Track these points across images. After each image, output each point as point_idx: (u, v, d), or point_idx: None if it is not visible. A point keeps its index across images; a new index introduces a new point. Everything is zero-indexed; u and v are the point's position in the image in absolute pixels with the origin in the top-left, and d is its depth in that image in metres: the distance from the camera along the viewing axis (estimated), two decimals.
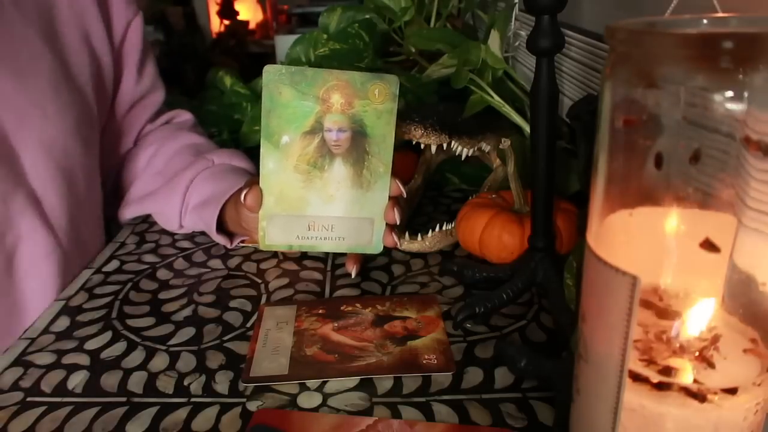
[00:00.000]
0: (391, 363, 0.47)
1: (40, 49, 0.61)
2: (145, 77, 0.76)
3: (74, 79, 0.66)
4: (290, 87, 0.52)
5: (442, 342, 0.49)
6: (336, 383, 0.45)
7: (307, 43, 0.90)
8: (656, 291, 0.29)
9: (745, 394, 0.26)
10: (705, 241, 0.27)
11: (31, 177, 0.60)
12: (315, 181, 0.54)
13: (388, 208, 0.55)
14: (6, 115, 0.58)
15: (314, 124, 0.53)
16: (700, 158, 0.25)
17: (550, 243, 0.52)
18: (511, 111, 0.68)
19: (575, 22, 0.82)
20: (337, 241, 0.56)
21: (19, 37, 0.59)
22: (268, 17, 3.30)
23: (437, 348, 0.48)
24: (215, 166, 0.70)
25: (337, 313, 0.53)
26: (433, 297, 0.56)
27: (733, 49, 0.23)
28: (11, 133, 0.58)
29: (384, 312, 0.53)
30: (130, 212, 0.73)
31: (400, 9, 0.90)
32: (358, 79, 0.52)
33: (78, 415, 0.43)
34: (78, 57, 0.66)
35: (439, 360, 0.47)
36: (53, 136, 0.61)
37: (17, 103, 0.58)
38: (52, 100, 0.61)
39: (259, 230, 0.55)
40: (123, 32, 0.72)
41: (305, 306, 0.55)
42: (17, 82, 0.59)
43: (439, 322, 0.51)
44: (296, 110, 0.52)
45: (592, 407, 0.29)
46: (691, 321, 0.28)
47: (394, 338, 0.50)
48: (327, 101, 0.52)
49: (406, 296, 0.56)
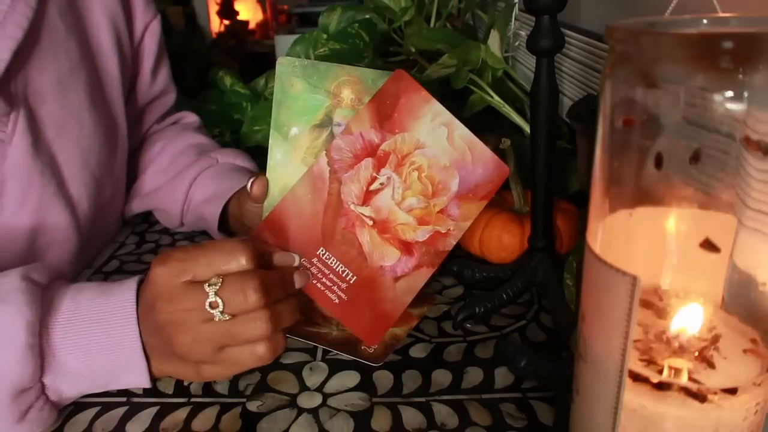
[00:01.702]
0: (335, 339, 0.50)
1: (79, 60, 0.61)
2: (159, 80, 0.76)
3: (107, 88, 0.66)
4: (302, 80, 0.52)
5: (395, 337, 0.50)
6: (336, 382, 0.45)
7: (307, 43, 0.90)
8: (656, 291, 0.29)
9: (745, 394, 0.26)
10: (705, 241, 0.27)
11: (70, 186, 0.60)
12: None
13: None
14: (49, 124, 0.58)
15: (324, 117, 0.53)
16: (700, 158, 0.25)
17: (550, 243, 0.52)
18: (511, 111, 0.68)
19: (575, 22, 0.82)
20: None
21: (63, 48, 0.59)
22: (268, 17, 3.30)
23: (386, 341, 0.49)
24: (219, 165, 0.70)
25: None
26: (431, 297, 0.56)
27: (733, 49, 0.23)
28: (53, 142, 0.58)
29: None
30: (134, 208, 0.73)
31: (400, 9, 0.90)
32: (369, 76, 0.52)
33: (78, 414, 0.43)
34: (110, 63, 0.66)
35: (375, 351, 0.48)
36: (89, 146, 0.61)
37: (58, 114, 0.58)
38: (88, 112, 0.61)
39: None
40: (141, 34, 0.72)
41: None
42: (60, 93, 0.58)
43: (413, 321, 0.52)
44: (307, 103, 0.53)
45: (592, 407, 0.29)
46: (691, 321, 0.28)
47: None
48: (338, 96, 0.53)
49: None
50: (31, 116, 0.56)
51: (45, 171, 0.57)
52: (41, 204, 0.57)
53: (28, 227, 0.57)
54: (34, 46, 0.56)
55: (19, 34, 0.53)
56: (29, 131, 0.55)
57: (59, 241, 0.60)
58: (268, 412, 0.43)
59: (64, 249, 0.61)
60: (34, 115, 0.56)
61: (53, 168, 0.58)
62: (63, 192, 0.59)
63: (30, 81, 0.56)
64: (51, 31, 0.58)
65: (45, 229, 0.59)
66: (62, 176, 0.59)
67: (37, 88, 0.57)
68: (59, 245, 0.60)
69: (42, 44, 0.57)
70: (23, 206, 0.56)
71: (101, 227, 0.67)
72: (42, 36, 0.57)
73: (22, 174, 0.55)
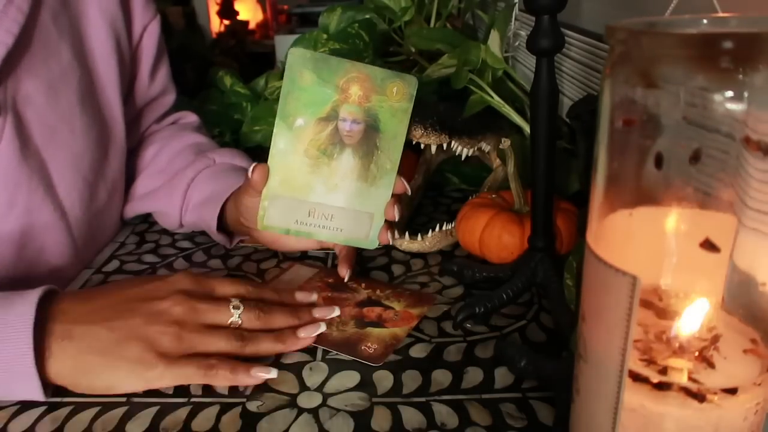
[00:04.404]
0: (335, 339, 0.50)
1: (71, 64, 0.61)
2: (158, 80, 0.76)
3: (102, 91, 0.65)
4: (312, 72, 0.52)
5: (395, 337, 0.50)
6: (336, 382, 0.45)
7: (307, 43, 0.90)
8: (656, 291, 0.29)
9: (745, 394, 0.26)
10: (705, 241, 0.27)
11: (60, 190, 0.60)
12: (322, 168, 0.54)
13: (389, 205, 0.56)
14: (38, 129, 0.58)
15: (330, 111, 0.53)
16: (700, 158, 0.25)
17: (550, 243, 0.52)
18: (511, 111, 0.68)
19: (575, 22, 0.82)
20: (334, 231, 0.56)
21: (54, 52, 0.59)
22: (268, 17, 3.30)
23: (386, 341, 0.49)
24: (216, 165, 0.70)
25: (341, 286, 0.57)
26: (431, 297, 0.56)
27: (733, 49, 0.23)
28: (42, 147, 0.58)
29: (377, 297, 0.55)
30: (132, 210, 0.73)
31: (400, 9, 0.91)
32: (379, 74, 0.53)
33: (78, 415, 0.43)
34: (107, 65, 0.66)
35: (375, 351, 0.48)
36: (81, 150, 0.61)
37: (48, 119, 0.58)
38: (79, 116, 0.61)
39: (260, 209, 0.55)
40: (140, 35, 0.72)
41: (324, 272, 0.60)
42: (50, 97, 0.58)
43: (413, 321, 0.52)
44: (314, 95, 0.53)
45: (592, 407, 0.29)
46: (691, 321, 0.28)
47: (360, 321, 0.52)
48: (346, 91, 0.53)
49: (410, 291, 0.57)
50: (20, 120, 0.56)
51: (33, 176, 0.57)
52: (29, 208, 0.57)
53: (16, 231, 0.57)
54: (25, 51, 0.56)
55: (10, 40, 0.53)
56: (17, 136, 0.55)
57: (51, 245, 0.60)
58: (268, 412, 0.43)
59: (56, 252, 0.61)
60: (23, 119, 0.56)
61: (42, 172, 0.58)
62: (52, 196, 0.59)
63: (19, 85, 0.56)
64: (43, 35, 0.58)
65: (34, 233, 0.59)
66: (51, 180, 0.59)
67: (26, 92, 0.56)
68: (51, 249, 0.60)
69: (33, 49, 0.57)
70: (11, 210, 0.56)
71: (98, 230, 0.67)
72: (33, 41, 0.57)
73: (9, 178, 0.55)
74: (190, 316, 0.45)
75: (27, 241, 0.58)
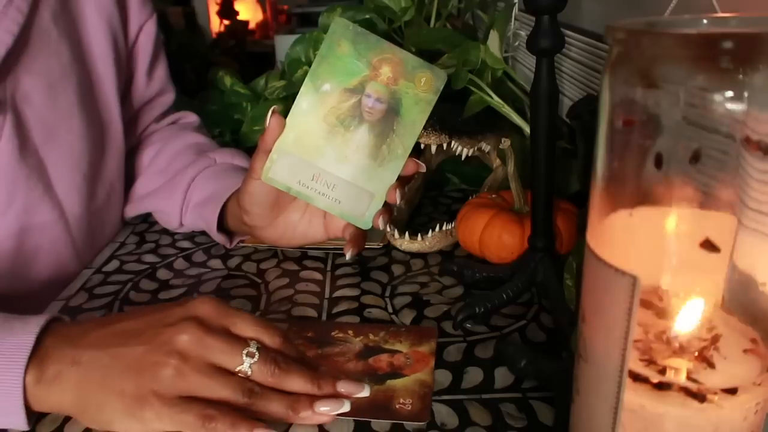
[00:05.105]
0: (360, 404, 0.42)
1: (70, 63, 0.61)
2: (155, 80, 0.76)
3: (100, 90, 0.66)
4: (350, 43, 0.53)
5: (424, 384, 0.44)
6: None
7: (307, 43, 0.90)
8: (656, 291, 0.29)
9: (745, 394, 0.26)
10: (705, 241, 0.27)
11: (58, 189, 0.60)
12: (337, 137, 0.55)
13: (392, 187, 0.55)
14: (37, 128, 0.58)
15: (357, 84, 0.54)
16: (700, 158, 0.25)
17: (550, 243, 0.52)
18: (510, 111, 0.68)
19: (575, 22, 0.82)
20: (332, 201, 0.56)
21: (53, 52, 0.59)
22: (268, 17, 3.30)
23: (417, 391, 0.44)
24: (217, 165, 0.70)
25: (325, 339, 0.50)
26: (431, 330, 0.51)
27: (733, 49, 0.23)
28: (40, 146, 0.58)
29: (374, 343, 0.49)
30: (132, 210, 0.73)
31: (400, 9, 0.90)
32: (411, 61, 0.54)
33: None
34: (104, 65, 0.66)
35: (414, 406, 0.42)
36: (79, 150, 0.61)
37: (47, 118, 0.58)
38: (78, 115, 0.61)
39: (267, 161, 0.55)
40: (136, 35, 0.72)
41: (296, 327, 0.52)
42: (49, 97, 0.58)
43: (430, 360, 0.47)
44: (347, 66, 0.54)
45: (592, 407, 0.29)
46: (691, 321, 0.28)
47: (374, 375, 0.45)
48: (377, 69, 0.54)
49: (404, 327, 0.52)
50: (19, 119, 0.56)
51: (32, 174, 0.57)
52: (28, 207, 0.57)
53: (14, 229, 0.57)
54: (24, 51, 0.56)
55: (9, 40, 0.53)
56: (16, 135, 0.55)
57: (49, 243, 0.60)
58: None
59: (55, 251, 0.61)
60: (22, 118, 0.56)
61: (41, 171, 0.58)
62: (50, 194, 0.59)
63: (19, 85, 0.56)
64: (43, 35, 0.58)
65: (32, 232, 0.59)
66: (50, 179, 0.59)
67: (25, 91, 0.57)
68: (49, 247, 0.60)
69: (32, 48, 0.57)
70: (9, 208, 0.56)
71: (97, 229, 0.67)
72: (33, 40, 0.57)
73: (7, 177, 0.56)
74: (195, 350, 0.40)
75: (25, 239, 0.58)
